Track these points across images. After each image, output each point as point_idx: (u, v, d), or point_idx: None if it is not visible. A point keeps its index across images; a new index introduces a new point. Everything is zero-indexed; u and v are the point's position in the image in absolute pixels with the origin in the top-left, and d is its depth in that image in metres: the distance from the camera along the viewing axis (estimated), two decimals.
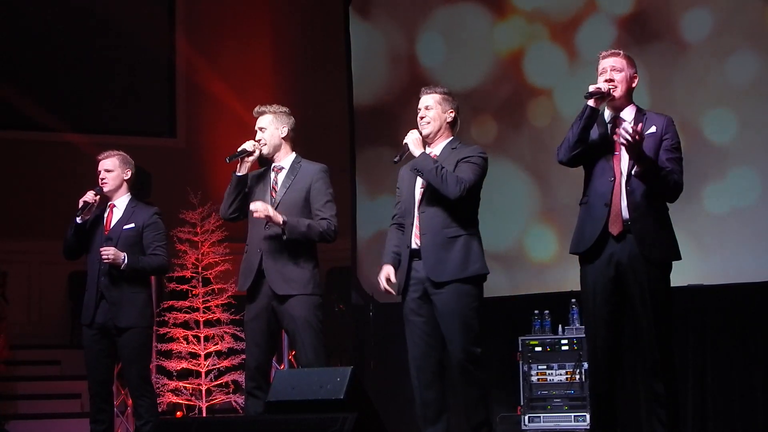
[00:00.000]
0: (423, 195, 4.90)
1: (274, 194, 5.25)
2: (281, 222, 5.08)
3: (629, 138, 4.33)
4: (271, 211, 5.08)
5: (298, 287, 5.12)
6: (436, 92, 5.00)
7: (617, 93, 4.55)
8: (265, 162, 5.39)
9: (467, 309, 4.79)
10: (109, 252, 5.50)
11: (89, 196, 5.67)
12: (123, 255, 5.53)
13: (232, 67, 10.38)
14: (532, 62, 7.91)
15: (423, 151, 4.88)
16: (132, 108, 10.25)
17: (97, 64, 10.11)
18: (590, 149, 4.56)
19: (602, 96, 4.51)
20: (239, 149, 5.24)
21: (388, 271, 4.99)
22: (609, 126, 4.61)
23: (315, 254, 5.25)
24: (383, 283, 4.99)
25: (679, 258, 4.56)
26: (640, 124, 4.47)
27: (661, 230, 4.53)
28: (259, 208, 5.08)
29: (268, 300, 5.16)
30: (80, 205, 5.65)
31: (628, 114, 4.61)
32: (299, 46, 10.60)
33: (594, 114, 4.51)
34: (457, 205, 4.80)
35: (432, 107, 4.97)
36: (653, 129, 4.54)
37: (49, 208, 9.08)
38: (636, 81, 4.64)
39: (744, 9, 7.08)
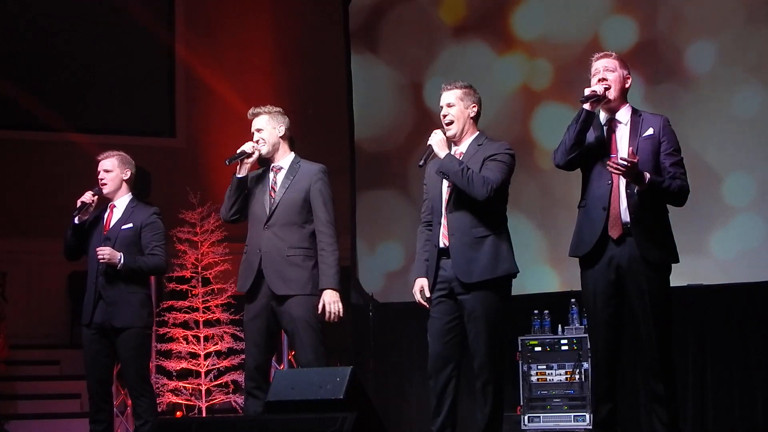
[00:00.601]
0: (450, 196, 4.81)
1: (273, 194, 5.24)
2: (335, 290, 5.09)
3: (622, 168, 4.33)
4: (336, 304, 5.08)
5: (297, 287, 5.12)
6: (456, 87, 4.88)
7: (611, 94, 4.55)
8: (264, 162, 5.39)
9: (494, 311, 4.73)
10: (104, 252, 5.50)
11: (87, 196, 5.67)
12: (119, 255, 5.53)
13: (232, 67, 10.37)
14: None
15: (448, 152, 4.78)
16: (132, 108, 10.22)
17: (97, 64, 10.09)
18: (587, 152, 4.55)
19: (598, 99, 4.51)
20: (238, 151, 5.22)
21: (422, 284, 4.91)
22: (605, 128, 4.61)
23: (314, 254, 5.23)
24: (418, 297, 4.92)
25: (677, 261, 4.56)
26: (630, 148, 4.46)
27: (660, 233, 4.53)
28: (333, 316, 5.09)
29: (267, 300, 5.16)
30: (78, 205, 5.66)
31: (623, 115, 4.61)
32: (300, 46, 10.59)
33: (589, 117, 4.51)
34: (485, 205, 4.70)
35: (454, 104, 4.85)
36: (650, 131, 4.55)
37: (49, 208, 9.06)
38: (629, 82, 4.63)
39: (750, 40, 7.01)
